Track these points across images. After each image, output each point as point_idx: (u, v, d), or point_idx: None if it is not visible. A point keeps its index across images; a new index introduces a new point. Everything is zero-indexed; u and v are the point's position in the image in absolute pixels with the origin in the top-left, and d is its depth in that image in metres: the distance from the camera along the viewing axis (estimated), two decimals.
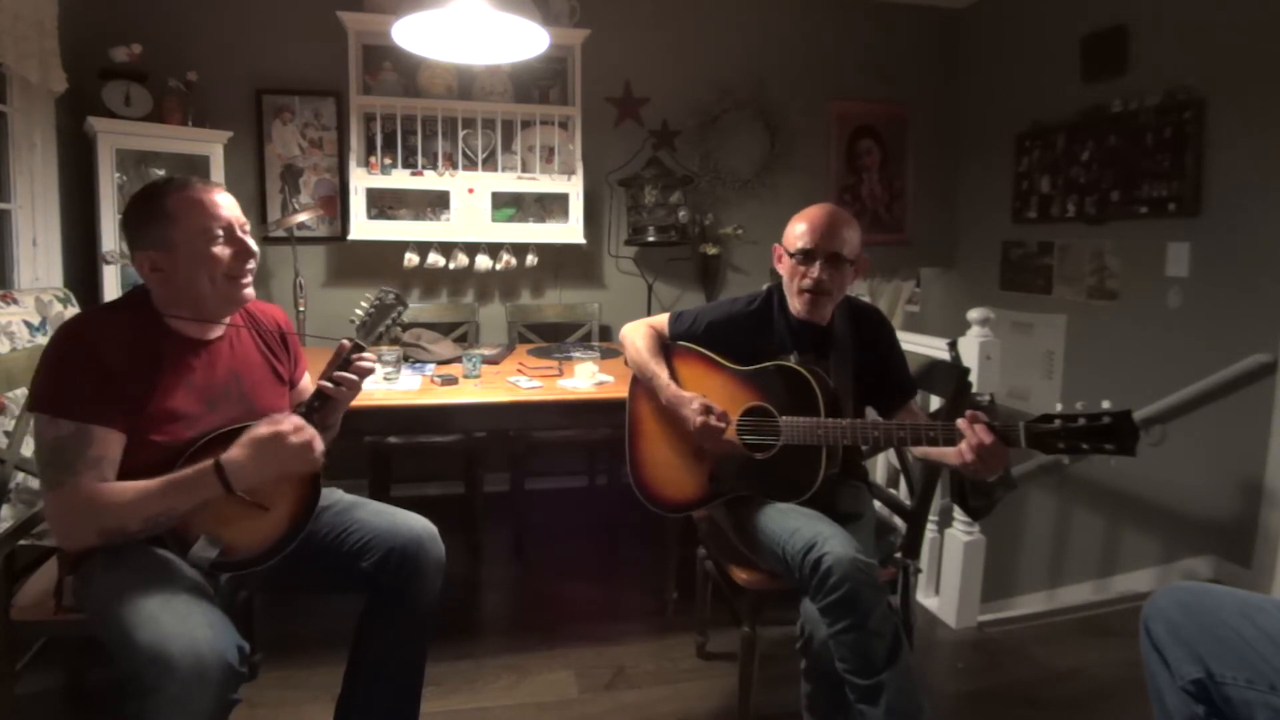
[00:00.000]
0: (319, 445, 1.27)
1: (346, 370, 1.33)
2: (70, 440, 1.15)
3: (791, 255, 1.61)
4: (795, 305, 1.64)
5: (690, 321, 1.74)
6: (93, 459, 1.16)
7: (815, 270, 1.57)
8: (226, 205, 1.29)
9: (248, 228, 1.33)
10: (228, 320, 1.37)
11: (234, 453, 1.20)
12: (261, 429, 1.23)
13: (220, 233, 1.27)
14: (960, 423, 1.31)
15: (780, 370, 1.58)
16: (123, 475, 1.20)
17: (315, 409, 1.31)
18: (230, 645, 1.07)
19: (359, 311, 1.42)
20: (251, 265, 1.31)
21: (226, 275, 1.28)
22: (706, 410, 1.54)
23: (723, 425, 1.55)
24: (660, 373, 1.67)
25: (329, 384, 1.32)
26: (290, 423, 1.24)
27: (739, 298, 1.77)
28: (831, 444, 1.48)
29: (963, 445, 1.30)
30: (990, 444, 1.27)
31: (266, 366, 1.43)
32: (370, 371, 1.37)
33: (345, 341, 1.36)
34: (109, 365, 1.19)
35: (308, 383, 1.55)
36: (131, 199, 1.29)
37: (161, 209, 1.24)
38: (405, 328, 2.75)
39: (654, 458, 1.73)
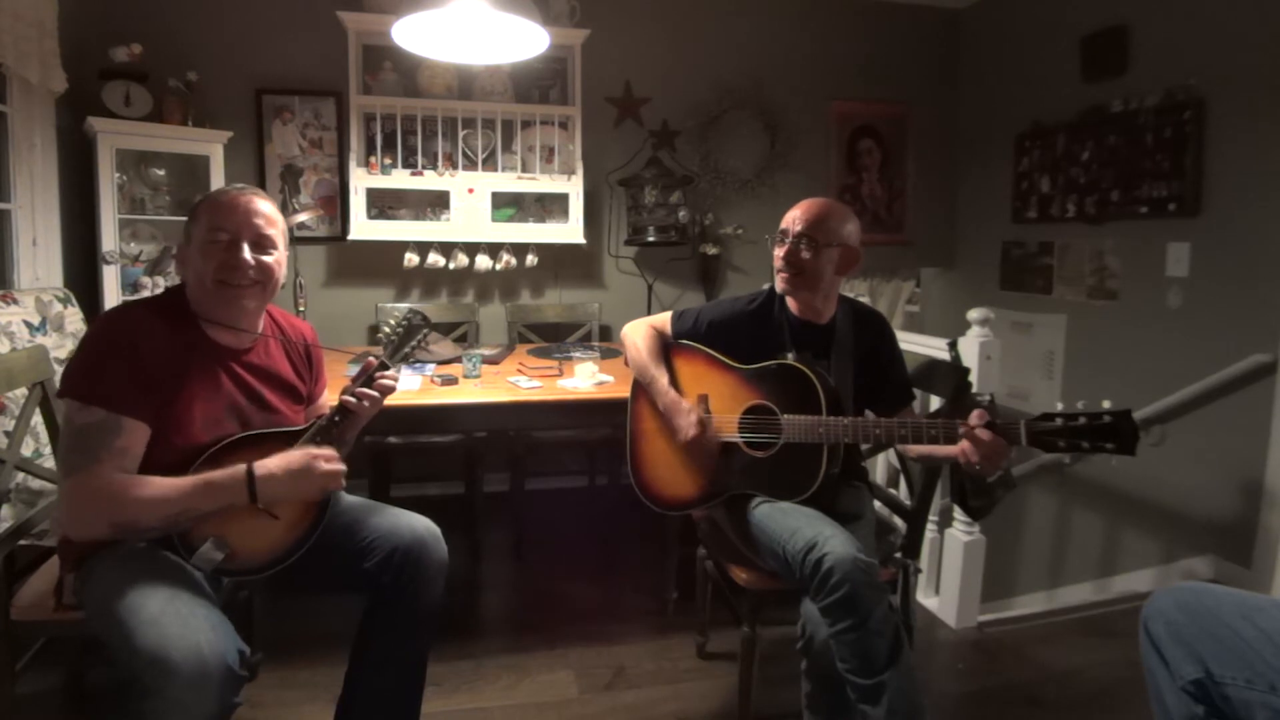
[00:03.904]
0: (344, 479, 1.30)
1: (370, 387, 1.37)
2: (98, 428, 1.16)
3: (774, 239, 1.67)
4: (778, 286, 1.67)
5: (693, 320, 1.75)
6: (118, 449, 1.16)
7: (785, 247, 1.62)
8: (245, 213, 1.30)
9: (270, 243, 1.32)
10: (259, 331, 1.39)
11: (270, 465, 1.22)
12: (297, 452, 1.26)
13: (223, 238, 1.28)
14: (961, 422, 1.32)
15: (782, 369, 1.58)
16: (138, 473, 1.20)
17: (336, 424, 1.34)
18: (231, 648, 1.07)
19: (386, 330, 1.45)
20: (249, 280, 1.29)
21: (215, 279, 1.28)
22: (700, 425, 1.57)
23: (714, 445, 1.60)
24: (660, 377, 1.68)
25: (352, 399, 1.35)
26: (325, 452, 1.28)
27: (740, 296, 1.78)
28: (833, 441, 1.49)
29: (965, 443, 1.31)
30: (992, 441, 1.28)
31: (290, 382, 1.44)
32: (392, 390, 1.40)
33: (372, 359, 1.39)
34: (144, 361, 1.20)
35: (325, 400, 1.57)
36: None
37: (197, 206, 1.32)
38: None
39: (655, 456, 1.73)
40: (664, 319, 1.80)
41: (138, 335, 1.22)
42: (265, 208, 1.33)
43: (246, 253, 1.29)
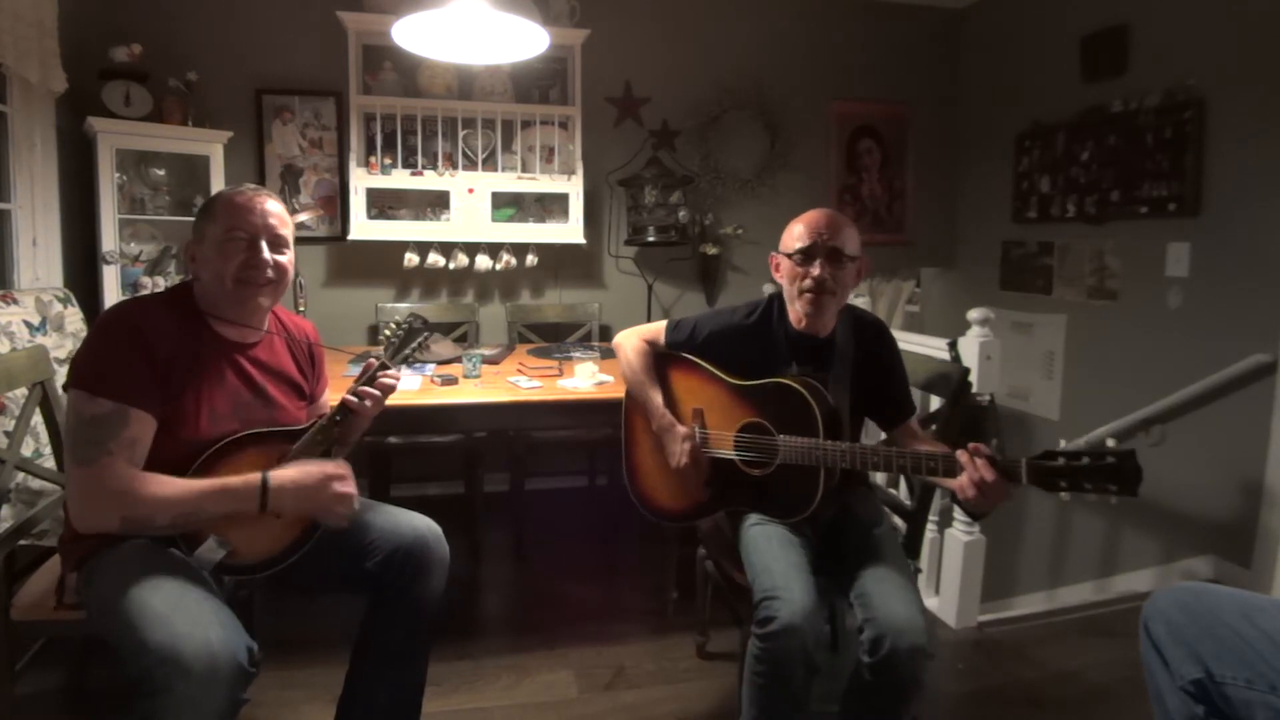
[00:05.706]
0: (356, 504, 1.31)
1: (371, 386, 1.38)
2: (106, 419, 1.16)
3: (790, 257, 1.56)
4: (797, 310, 1.58)
5: (689, 331, 1.70)
6: (126, 440, 1.17)
7: (816, 268, 1.51)
8: (261, 214, 1.32)
9: (284, 242, 1.35)
10: (265, 328, 1.40)
11: (282, 478, 1.23)
12: (313, 466, 1.27)
13: (244, 237, 1.29)
14: (961, 455, 1.27)
15: (779, 387, 1.53)
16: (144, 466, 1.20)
17: (337, 423, 1.35)
18: (241, 645, 1.07)
19: (387, 333, 1.47)
20: (266, 279, 1.32)
21: (236, 279, 1.29)
22: (691, 455, 1.57)
23: (705, 469, 1.59)
24: (654, 396, 1.65)
25: (354, 399, 1.36)
26: (340, 469, 1.28)
27: (739, 307, 1.71)
28: (830, 466, 1.44)
29: (963, 479, 1.27)
30: (991, 480, 1.24)
31: (293, 378, 1.45)
32: (392, 389, 1.42)
33: (373, 360, 1.41)
34: (153, 353, 1.21)
35: (326, 399, 1.57)
36: None
37: (211, 205, 1.33)
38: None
39: (650, 467, 1.72)
40: (656, 329, 1.75)
41: (146, 327, 1.22)
42: (277, 208, 1.36)
43: (265, 252, 1.31)
